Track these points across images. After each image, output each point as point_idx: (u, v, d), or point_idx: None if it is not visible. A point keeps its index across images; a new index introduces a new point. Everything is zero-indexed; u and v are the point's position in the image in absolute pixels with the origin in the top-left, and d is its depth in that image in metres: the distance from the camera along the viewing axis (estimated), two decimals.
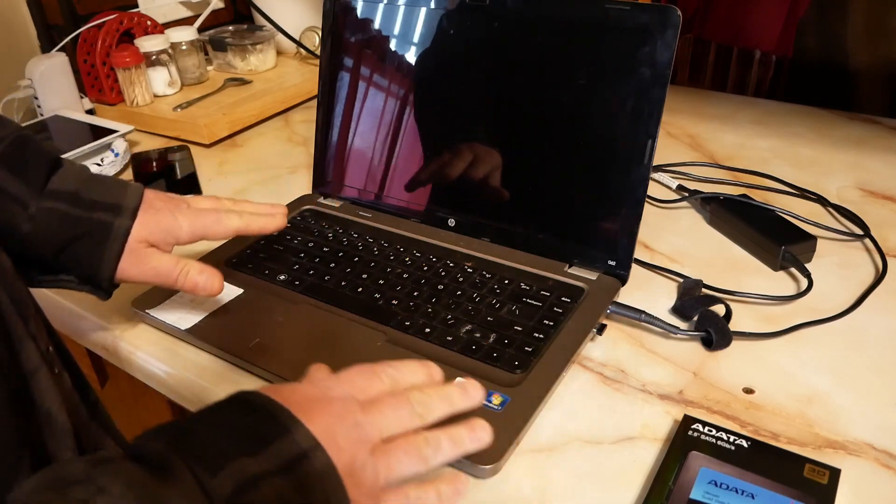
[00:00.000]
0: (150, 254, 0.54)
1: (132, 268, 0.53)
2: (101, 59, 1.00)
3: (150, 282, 0.55)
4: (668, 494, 0.41)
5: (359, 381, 0.40)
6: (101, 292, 0.54)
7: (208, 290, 0.56)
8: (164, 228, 0.54)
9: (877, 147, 0.83)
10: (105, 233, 0.52)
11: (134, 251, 0.53)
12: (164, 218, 0.54)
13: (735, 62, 1.32)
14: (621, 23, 0.57)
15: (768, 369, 0.52)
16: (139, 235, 0.53)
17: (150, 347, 0.58)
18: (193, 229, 0.56)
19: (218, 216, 0.57)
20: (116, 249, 0.52)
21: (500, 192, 0.65)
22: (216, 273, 0.56)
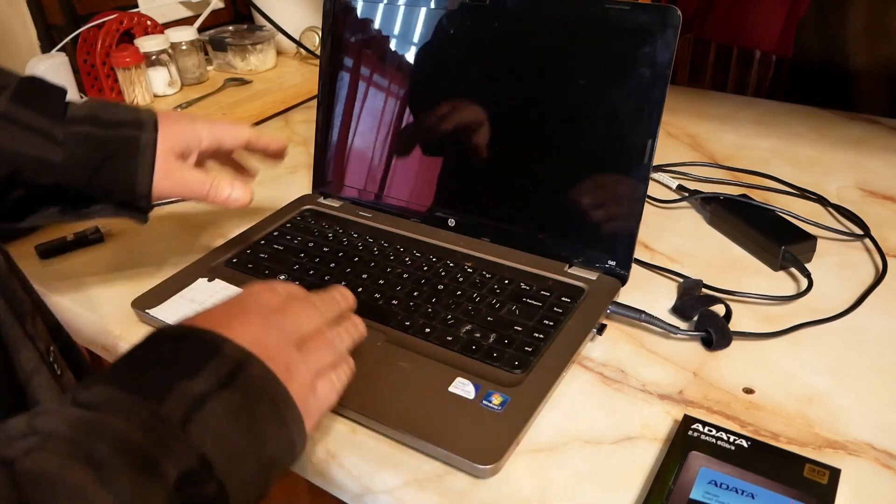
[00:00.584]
0: (181, 166, 0.55)
1: (165, 180, 0.54)
2: (101, 59, 1.00)
3: (182, 195, 0.56)
4: (668, 494, 0.41)
5: (262, 295, 0.43)
6: (139, 214, 0.55)
7: (240, 201, 0.58)
8: (187, 135, 0.56)
9: (877, 147, 0.83)
10: (134, 147, 0.53)
11: (165, 162, 0.54)
12: (184, 126, 0.57)
13: (735, 62, 1.32)
14: (621, 23, 0.57)
15: (768, 369, 0.52)
16: (165, 146, 0.54)
17: None
18: (212, 134, 0.58)
19: (231, 124, 0.61)
20: (149, 161, 0.53)
21: (500, 192, 0.65)
22: (246, 188, 0.58)
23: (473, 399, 0.48)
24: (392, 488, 0.45)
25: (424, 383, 0.50)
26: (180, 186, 0.55)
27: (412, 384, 0.50)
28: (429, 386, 0.50)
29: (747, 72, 1.31)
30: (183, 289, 0.62)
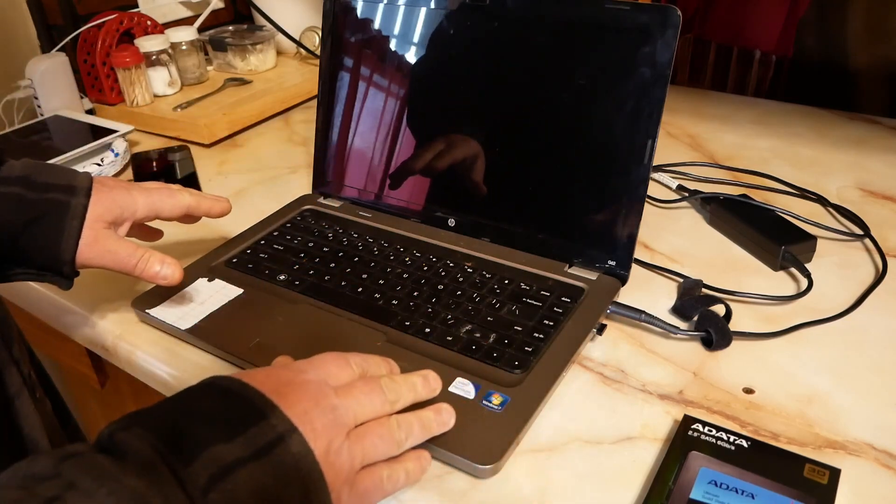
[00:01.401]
0: (109, 235, 0.53)
1: (91, 249, 0.52)
2: (101, 59, 1.00)
3: (108, 266, 0.54)
4: (668, 494, 0.41)
5: (331, 367, 0.41)
6: (63, 280, 0.53)
7: (169, 279, 0.55)
8: (120, 204, 0.54)
9: (877, 147, 0.83)
10: (62, 212, 0.51)
11: (92, 230, 0.52)
12: (119, 194, 0.54)
13: (735, 62, 1.32)
14: (621, 23, 0.57)
15: (768, 369, 0.52)
16: (96, 213, 0.52)
17: (150, 347, 0.58)
18: (149, 202, 0.56)
19: (170, 192, 0.58)
20: (76, 228, 0.51)
21: (500, 192, 0.65)
22: (177, 265, 0.55)
23: (473, 399, 0.48)
24: None
25: None
26: (106, 256, 0.53)
27: None
28: None
29: (747, 72, 1.31)
30: (183, 289, 0.62)
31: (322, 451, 0.35)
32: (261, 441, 0.33)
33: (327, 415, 0.37)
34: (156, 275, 0.54)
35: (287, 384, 0.37)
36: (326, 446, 0.36)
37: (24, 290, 0.68)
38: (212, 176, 0.87)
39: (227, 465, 0.32)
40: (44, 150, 0.87)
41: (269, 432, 0.34)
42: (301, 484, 0.34)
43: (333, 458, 0.36)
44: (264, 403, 0.35)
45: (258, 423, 0.34)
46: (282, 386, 0.37)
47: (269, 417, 0.34)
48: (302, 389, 0.37)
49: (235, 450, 0.32)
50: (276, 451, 0.33)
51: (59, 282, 0.53)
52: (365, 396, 0.40)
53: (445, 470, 0.45)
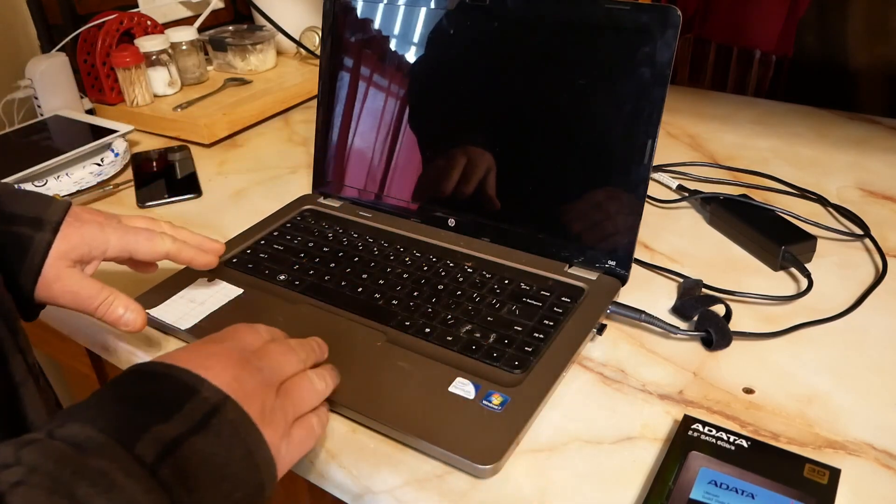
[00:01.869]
0: (72, 274, 0.50)
1: (51, 286, 0.49)
2: (101, 59, 1.00)
3: (68, 306, 0.51)
4: (668, 494, 0.41)
5: (245, 335, 0.43)
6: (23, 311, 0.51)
7: (132, 325, 0.52)
8: (89, 241, 0.51)
9: (877, 147, 0.83)
10: (24, 247, 0.49)
11: (54, 268, 0.49)
12: (90, 230, 0.51)
13: (735, 62, 1.32)
14: (621, 23, 0.57)
15: (768, 369, 0.52)
16: (60, 249, 0.50)
17: (150, 347, 0.58)
18: (122, 243, 0.53)
19: (150, 235, 0.54)
20: (36, 265, 0.49)
21: (500, 192, 0.65)
22: (142, 311, 0.53)
23: (473, 399, 0.48)
24: (392, 488, 0.44)
25: (424, 383, 0.50)
26: (66, 296, 0.50)
27: (412, 384, 0.50)
28: (429, 386, 0.50)
29: (747, 72, 1.31)
30: (183, 289, 0.62)
31: (257, 412, 0.37)
32: (197, 414, 0.35)
33: (255, 377, 0.39)
34: (118, 318, 0.52)
35: (210, 356, 0.39)
36: (261, 407, 0.38)
37: None
38: (212, 176, 0.87)
39: (171, 441, 0.33)
40: (44, 150, 0.87)
41: (203, 405, 0.35)
42: (243, 446, 0.36)
43: (269, 416, 0.38)
44: (193, 378, 0.36)
45: (191, 399, 0.35)
46: (204, 358, 0.38)
47: (200, 391, 0.36)
48: (225, 357, 0.39)
49: (175, 427, 0.34)
50: (214, 422, 0.35)
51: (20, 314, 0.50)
52: (282, 356, 0.42)
53: (445, 470, 0.45)
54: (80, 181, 0.83)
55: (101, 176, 0.85)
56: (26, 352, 0.41)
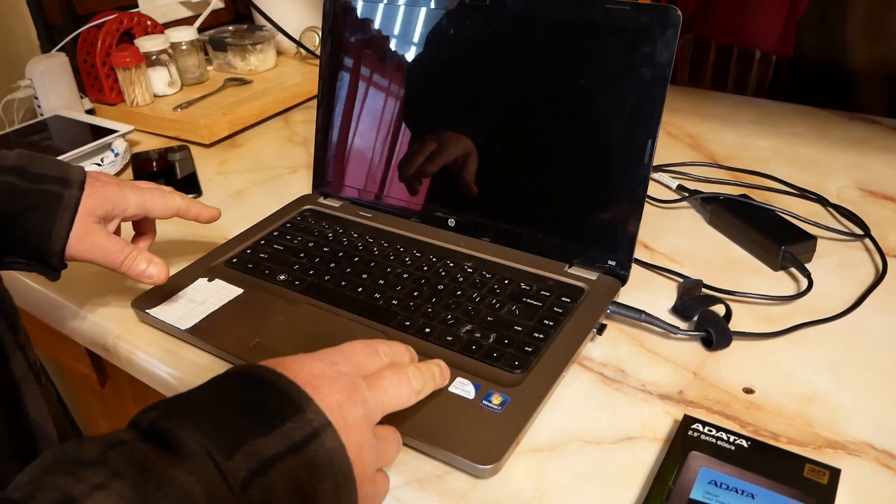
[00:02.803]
0: (99, 230, 0.54)
1: (81, 242, 0.53)
2: (101, 59, 1.00)
3: (96, 261, 0.54)
4: (668, 494, 0.41)
5: (360, 357, 0.41)
6: (51, 271, 0.54)
7: (155, 278, 0.56)
8: (112, 200, 0.55)
9: (877, 147, 0.83)
10: (55, 203, 0.51)
11: (83, 223, 0.53)
12: (112, 190, 0.55)
13: (735, 62, 1.32)
14: (621, 23, 0.57)
15: (768, 369, 0.52)
16: (88, 207, 0.53)
17: (150, 347, 0.58)
18: (140, 201, 0.56)
19: (163, 193, 0.58)
20: (67, 219, 0.52)
21: (500, 192, 0.65)
22: (164, 265, 0.56)
23: (473, 399, 0.48)
24: (392, 488, 0.44)
25: None
26: (95, 251, 0.53)
27: None
28: None
29: (747, 72, 1.31)
30: (183, 289, 0.62)
31: (354, 446, 0.36)
32: (297, 435, 0.33)
33: (359, 408, 0.37)
34: (142, 273, 0.55)
35: (320, 375, 0.37)
36: (359, 442, 0.36)
37: (23, 289, 0.68)
38: (212, 176, 0.87)
39: (266, 459, 0.32)
40: (44, 150, 0.87)
41: (304, 426, 0.34)
42: (334, 479, 0.34)
43: (364, 454, 0.37)
44: (300, 396, 0.35)
45: (294, 417, 0.34)
46: (314, 377, 0.37)
47: (306, 411, 0.34)
48: (335, 381, 0.38)
49: (273, 444, 0.33)
50: (312, 447, 0.34)
51: (47, 273, 0.54)
52: (393, 388, 0.40)
53: (445, 470, 0.45)
54: None
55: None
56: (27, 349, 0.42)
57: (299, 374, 0.36)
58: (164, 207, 0.58)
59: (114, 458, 0.29)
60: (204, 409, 0.34)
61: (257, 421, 0.33)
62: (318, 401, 0.35)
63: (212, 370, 0.55)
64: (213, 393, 0.35)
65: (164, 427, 0.32)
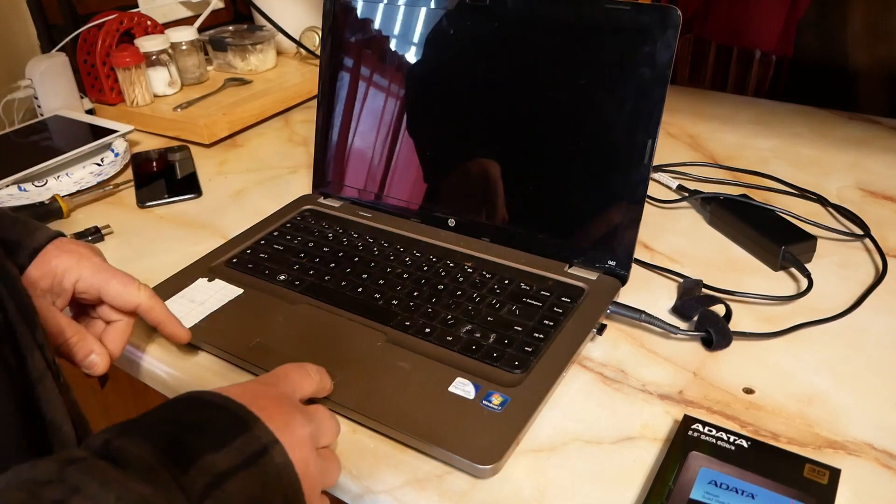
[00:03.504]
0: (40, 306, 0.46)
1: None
2: (101, 59, 1.00)
3: None
4: (668, 494, 0.41)
5: (295, 377, 0.44)
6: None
7: (95, 369, 0.50)
8: (61, 271, 0.50)
9: (877, 147, 0.83)
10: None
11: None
12: (65, 260, 0.50)
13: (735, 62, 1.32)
14: (621, 23, 0.57)
15: (768, 369, 0.52)
16: (31, 278, 0.49)
17: (150, 347, 0.58)
18: (94, 280, 0.51)
19: (128, 281, 0.52)
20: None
21: (501, 192, 0.65)
22: (106, 356, 0.51)
23: (473, 399, 0.48)
24: (392, 488, 0.45)
25: (424, 383, 0.50)
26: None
27: (412, 384, 0.50)
28: (429, 386, 0.50)
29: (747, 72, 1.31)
30: (183, 289, 0.62)
31: (301, 463, 0.37)
32: (248, 451, 0.35)
33: (304, 428, 0.39)
34: (83, 360, 0.50)
35: (264, 397, 0.39)
36: (305, 459, 0.38)
37: None
38: (212, 176, 0.87)
39: (221, 473, 0.33)
40: (44, 150, 0.87)
41: (254, 443, 0.35)
42: (283, 494, 0.36)
43: (310, 470, 0.38)
44: (247, 415, 0.36)
45: (243, 434, 0.35)
46: (258, 398, 0.38)
47: (253, 429, 0.36)
48: (277, 402, 0.39)
49: (226, 459, 0.34)
50: (262, 461, 0.35)
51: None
52: (327, 422, 0.42)
53: (445, 470, 0.45)
54: (80, 181, 0.83)
55: (102, 176, 0.85)
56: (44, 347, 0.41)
57: (243, 397, 0.37)
58: (119, 295, 0.51)
59: (71, 473, 0.29)
60: (155, 430, 0.34)
61: (208, 439, 0.34)
62: (266, 420, 0.36)
63: (212, 370, 0.55)
64: (162, 415, 0.36)
65: (117, 445, 0.32)
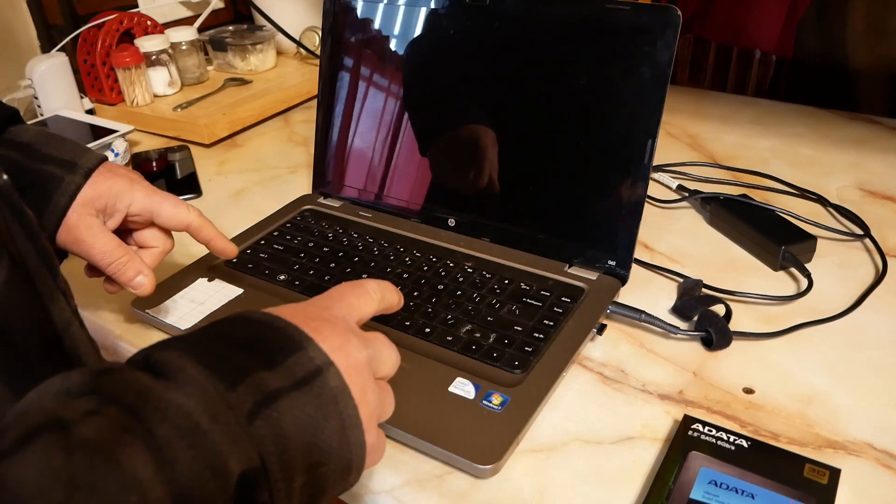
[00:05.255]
0: (92, 224, 0.49)
1: (69, 232, 0.48)
2: (101, 59, 1.00)
3: (81, 255, 0.50)
4: (668, 494, 0.41)
5: (352, 298, 0.40)
6: None
7: (138, 290, 0.52)
8: (116, 193, 0.50)
9: (877, 147, 0.83)
10: (53, 186, 0.48)
11: (76, 213, 0.48)
12: (119, 183, 0.50)
13: (735, 62, 1.32)
14: (621, 23, 0.57)
15: (768, 369, 0.52)
16: (86, 196, 0.49)
17: None
18: (148, 202, 0.51)
19: (177, 201, 0.53)
20: (61, 205, 0.48)
21: (500, 192, 0.65)
22: (153, 277, 0.52)
23: (473, 399, 0.48)
24: (392, 488, 0.45)
25: (424, 383, 0.50)
26: (81, 245, 0.49)
27: (412, 384, 0.50)
28: (429, 386, 0.50)
29: (747, 72, 1.31)
30: (183, 289, 0.62)
31: (358, 388, 0.34)
32: (300, 372, 0.32)
33: (361, 351, 0.36)
34: (128, 281, 0.51)
35: (316, 318, 0.36)
36: (362, 385, 0.35)
37: None
38: (212, 176, 0.87)
39: (271, 392, 0.30)
40: None
41: (307, 363, 0.33)
42: (339, 419, 0.33)
43: (368, 397, 0.35)
44: (300, 335, 0.34)
45: (295, 354, 0.33)
46: (311, 320, 0.35)
47: (307, 349, 0.33)
48: (333, 324, 0.36)
49: (278, 378, 0.31)
50: (316, 383, 0.32)
51: None
52: (385, 350, 0.39)
53: (445, 470, 0.45)
54: None
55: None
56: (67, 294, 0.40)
57: (296, 317, 0.35)
58: (171, 216, 0.53)
59: (104, 384, 0.28)
60: (202, 345, 0.32)
61: (259, 357, 0.32)
62: (319, 341, 0.34)
63: None
64: (210, 331, 0.34)
65: (159, 358, 0.30)
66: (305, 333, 0.34)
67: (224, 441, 0.28)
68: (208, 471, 0.27)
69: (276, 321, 0.34)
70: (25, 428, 0.25)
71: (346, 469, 0.33)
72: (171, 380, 0.29)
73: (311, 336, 0.34)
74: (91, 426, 0.25)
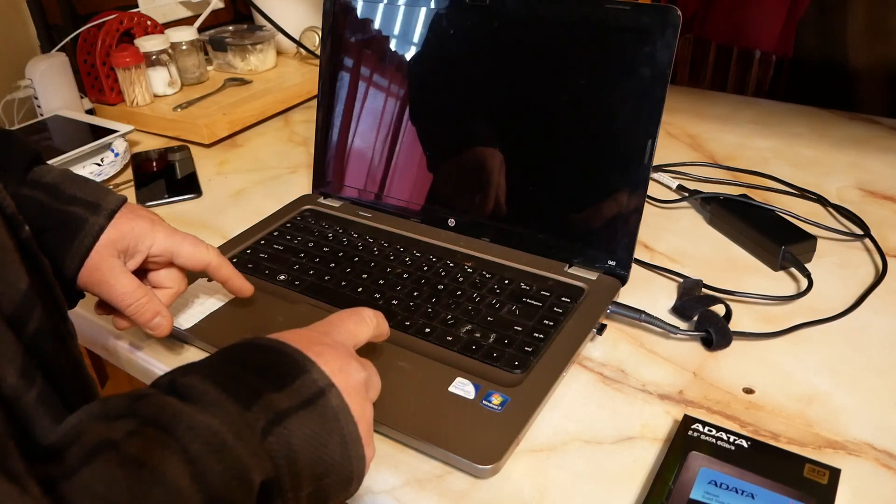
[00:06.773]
0: (113, 265, 0.50)
1: (91, 274, 0.50)
2: (101, 59, 1.00)
3: (103, 296, 0.51)
4: (668, 494, 0.41)
5: (350, 325, 0.44)
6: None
7: (158, 331, 0.53)
8: (138, 234, 0.51)
9: (877, 147, 0.83)
10: (77, 227, 0.49)
11: (99, 254, 0.49)
12: (141, 224, 0.52)
13: (735, 62, 1.32)
14: (621, 23, 0.57)
15: (768, 369, 0.52)
16: (109, 238, 0.50)
17: (150, 347, 0.58)
18: (168, 244, 0.53)
19: (197, 241, 0.55)
20: (85, 247, 0.49)
21: (500, 192, 0.65)
22: (170, 319, 0.53)
23: (473, 399, 0.48)
24: (392, 488, 0.45)
25: (424, 383, 0.50)
26: (103, 286, 0.50)
27: (412, 384, 0.50)
28: (429, 386, 0.50)
29: (747, 72, 1.31)
30: None
31: (357, 407, 0.38)
32: (306, 393, 0.36)
33: (359, 373, 0.39)
34: (147, 323, 0.52)
35: (318, 344, 0.39)
36: (361, 405, 0.38)
37: None
38: (212, 176, 0.87)
39: (282, 411, 0.34)
40: (44, 150, 0.86)
41: (311, 385, 0.36)
42: (341, 434, 0.36)
43: (365, 414, 0.39)
44: (304, 359, 0.37)
45: (300, 377, 0.36)
46: (313, 345, 0.39)
47: (311, 372, 0.37)
48: (333, 349, 0.40)
49: (286, 399, 0.35)
50: (320, 403, 0.36)
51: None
52: (375, 376, 0.42)
53: (445, 470, 0.45)
54: None
55: (101, 176, 0.85)
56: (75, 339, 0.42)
57: (300, 343, 0.38)
58: (191, 255, 0.54)
59: (141, 408, 0.31)
60: (218, 370, 0.36)
61: (268, 379, 0.35)
62: (322, 365, 0.37)
63: None
64: (223, 357, 0.38)
65: (184, 382, 0.33)
66: (309, 358, 0.37)
67: (247, 454, 0.32)
68: (235, 480, 0.31)
69: (284, 347, 0.38)
70: (85, 447, 0.29)
71: (348, 480, 0.37)
72: (195, 402, 0.32)
73: (314, 360, 0.37)
74: (135, 444, 0.29)
